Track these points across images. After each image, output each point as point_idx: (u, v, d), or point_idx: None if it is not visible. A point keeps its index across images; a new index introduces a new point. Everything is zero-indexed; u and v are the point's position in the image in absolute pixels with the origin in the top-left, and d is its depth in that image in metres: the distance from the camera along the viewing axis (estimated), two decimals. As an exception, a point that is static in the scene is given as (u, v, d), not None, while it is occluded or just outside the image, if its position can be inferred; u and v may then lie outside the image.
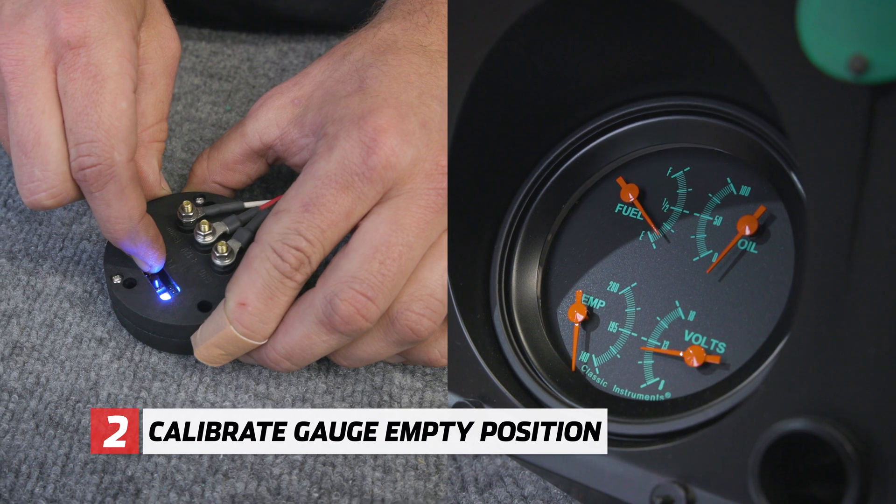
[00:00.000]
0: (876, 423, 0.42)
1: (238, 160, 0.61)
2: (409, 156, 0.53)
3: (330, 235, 0.53)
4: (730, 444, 0.45)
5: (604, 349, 0.55)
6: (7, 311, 0.59)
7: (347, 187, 0.52)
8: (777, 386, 0.44)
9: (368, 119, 0.53)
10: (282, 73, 0.76)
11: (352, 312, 0.52)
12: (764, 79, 0.44)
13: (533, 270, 0.57)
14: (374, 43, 0.58)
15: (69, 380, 0.57)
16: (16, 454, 0.53)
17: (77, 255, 0.63)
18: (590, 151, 0.57)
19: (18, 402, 0.55)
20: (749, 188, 0.53)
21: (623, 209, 0.56)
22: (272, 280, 0.53)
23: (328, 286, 0.53)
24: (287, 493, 0.54)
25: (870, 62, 0.40)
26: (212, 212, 0.60)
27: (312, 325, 0.53)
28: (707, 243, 0.54)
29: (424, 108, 0.54)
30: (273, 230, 0.53)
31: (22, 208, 0.64)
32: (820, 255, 0.44)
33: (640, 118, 0.56)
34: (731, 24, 0.45)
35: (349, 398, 0.58)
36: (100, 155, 0.54)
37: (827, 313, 0.43)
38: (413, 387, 0.59)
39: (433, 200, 0.53)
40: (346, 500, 0.54)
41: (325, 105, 0.57)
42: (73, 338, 0.59)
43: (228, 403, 0.57)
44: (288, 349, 0.54)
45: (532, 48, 0.53)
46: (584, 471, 0.50)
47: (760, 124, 0.52)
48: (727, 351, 0.52)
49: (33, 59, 0.54)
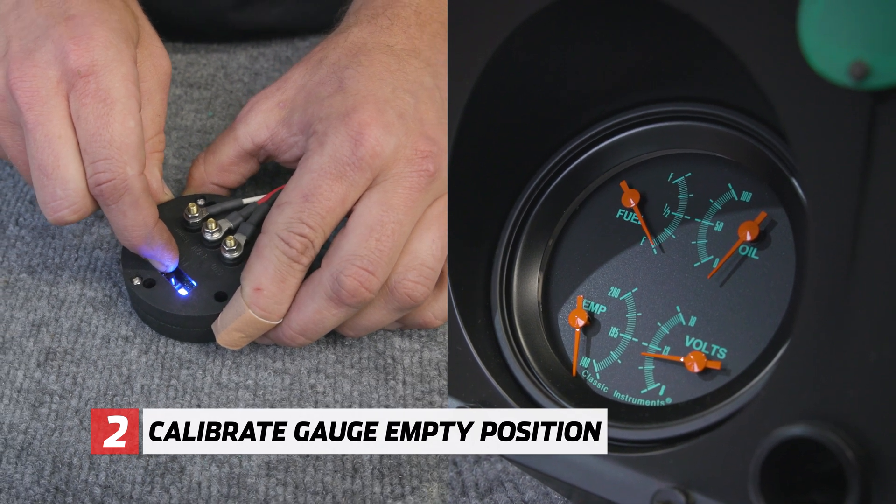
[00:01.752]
0: (877, 428, 0.42)
1: (233, 162, 0.67)
2: (392, 144, 0.59)
3: (329, 220, 0.59)
4: (730, 449, 0.45)
5: (605, 354, 0.55)
6: (36, 321, 0.64)
7: (341, 177, 0.58)
8: (778, 392, 0.44)
9: (352, 115, 0.59)
10: (255, 77, 0.82)
11: (356, 286, 0.58)
12: (765, 85, 0.44)
13: (534, 275, 0.57)
14: (346, 46, 0.64)
15: (104, 377, 0.62)
16: (66, 449, 0.58)
17: (92, 263, 0.67)
18: (591, 157, 0.57)
19: (60, 402, 0.60)
20: (750, 194, 0.53)
21: (624, 215, 0.56)
22: (282, 265, 0.59)
23: (333, 265, 0.59)
24: (315, 454, 0.59)
25: (870, 68, 0.40)
26: (214, 211, 0.65)
27: (322, 301, 0.59)
28: (708, 249, 0.53)
29: (399, 101, 0.60)
30: (278, 221, 0.59)
31: (34, 225, 0.69)
32: (821, 261, 0.44)
33: (641, 124, 0.56)
34: (733, 31, 0.45)
35: (357, 365, 0.64)
36: (114, 171, 0.59)
37: (828, 319, 0.43)
38: (412, 348, 0.65)
39: (416, 181, 0.59)
40: (366, 454, 0.59)
41: (309, 106, 0.62)
42: (101, 339, 0.64)
43: (251, 382, 0.62)
44: (302, 325, 0.60)
45: (533, 53, 0.53)
46: (585, 476, 0.50)
47: (762, 130, 0.52)
48: (728, 356, 0.52)
49: (47, 90, 0.59)
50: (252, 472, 0.58)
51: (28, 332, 0.63)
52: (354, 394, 0.62)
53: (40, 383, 0.61)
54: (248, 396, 0.62)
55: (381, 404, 0.62)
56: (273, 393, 0.62)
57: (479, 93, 0.53)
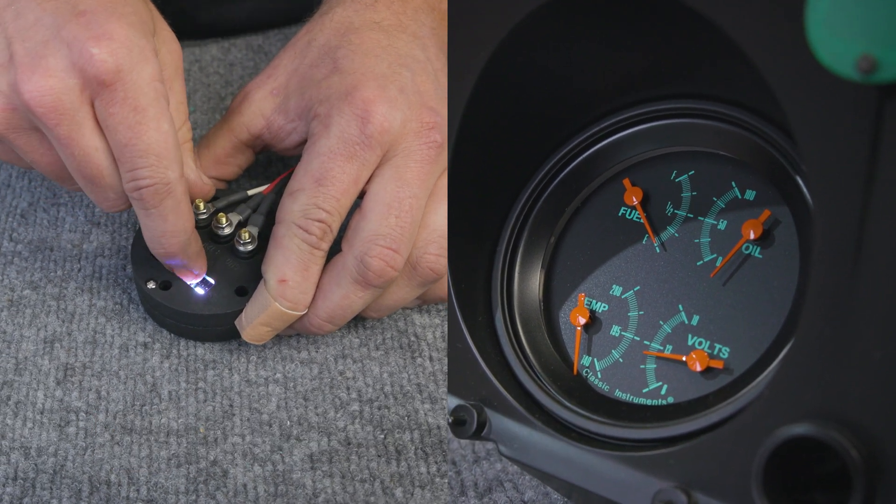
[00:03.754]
0: (881, 428, 0.41)
1: (229, 153, 0.66)
2: (399, 119, 0.58)
3: (344, 202, 0.58)
4: (733, 449, 0.45)
5: (606, 353, 0.54)
6: (48, 337, 0.62)
7: (351, 157, 0.58)
8: (781, 391, 0.44)
9: (354, 94, 0.59)
10: (230, 68, 0.82)
11: (382, 266, 0.58)
12: (770, 78, 0.44)
13: (535, 273, 0.57)
14: (333, 27, 0.63)
15: (128, 387, 0.60)
16: (101, 466, 0.56)
17: (97, 272, 0.66)
18: (593, 154, 0.57)
19: (87, 418, 0.59)
20: (754, 192, 0.53)
21: (627, 212, 0.56)
22: (303, 253, 0.58)
23: (355, 248, 0.58)
24: (357, 441, 0.59)
25: (878, 62, 0.39)
26: (221, 205, 0.64)
27: (349, 285, 0.59)
28: (711, 247, 0.53)
29: (397, 76, 0.60)
30: (293, 209, 0.59)
31: (30, 239, 0.68)
32: (825, 260, 0.43)
33: (644, 121, 0.56)
34: (739, 25, 0.45)
35: (382, 346, 0.64)
36: (154, 176, 0.57)
37: (832, 318, 0.43)
38: (432, 323, 0.66)
39: (426, 153, 0.59)
40: (407, 435, 0.60)
41: (306, 90, 0.62)
42: (119, 348, 0.62)
43: (280, 375, 0.62)
44: (330, 312, 0.60)
45: (536, 50, 0.53)
46: (585, 475, 0.49)
47: (766, 128, 0.52)
48: (731, 355, 0.51)
49: (71, 101, 0.56)
50: (296, 468, 0.57)
51: (41, 349, 0.61)
52: (384, 375, 0.62)
53: (63, 402, 0.59)
54: (280, 391, 0.61)
55: (412, 384, 0.62)
56: (304, 384, 0.61)
57: (481, 89, 0.53)
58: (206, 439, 0.58)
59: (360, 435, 0.59)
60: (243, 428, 0.59)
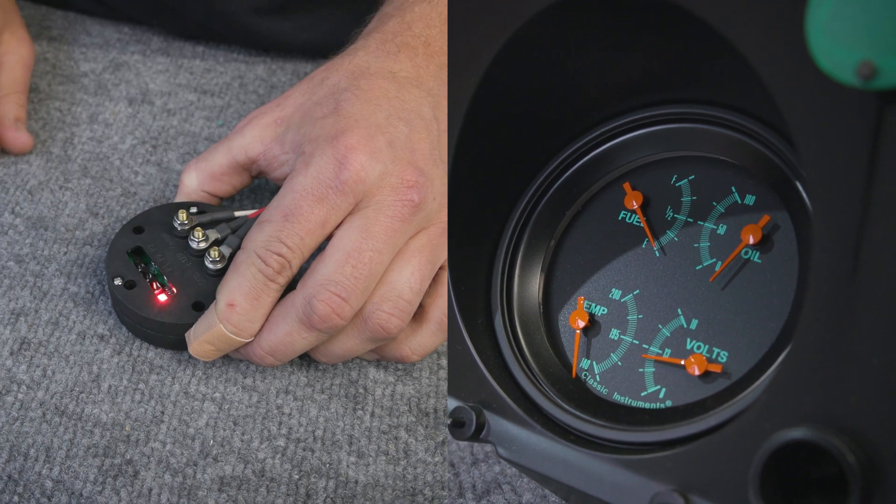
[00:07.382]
0: (879, 433, 0.42)
1: (224, 171, 0.66)
2: (377, 171, 0.59)
3: (308, 242, 0.59)
4: (730, 453, 0.45)
5: (605, 356, 0.54)
6: (16, 309, 0.64)
7: (322, 199, 0.58)
8: (779, 395, 0.44)
9: (340, 138, 0.59)
10: (271, 91, 0.82)
11: (328, 311, 0.58)
12: (771, 84, 0.44)
13: (535, 276, 0.57)
14: (349, 69, 0.64)
15: (73, 373, 0.62)
16: (24, 440, 0.58)
17: (80, 259, 0.67)
18: (594, 158, 0.57)
19: (27, 392, 0.60)
20: (753, 197, 0.53)
21: (627, 216, 0.56)
22: (257, 282, 0.58)
23: (307, 288, 0.58)
24: (270, 475, 0.59)
25: (878, 68, 0.39)
26: (204, 220, 0.65)
27: (294, 323, 0.59)
28: (710, 252, 0.53)
29: (391, 129, 0.60)
30: (257, 238, 0.59)
31: (29, 214, 0.69)
32: (824, 265, 0.43)
33: (645, 126, 0.56)
34: (740, 31, 0.45)
35: (328, 391, 0.64)
36: None
37: (830, 323, 0.43)
38: (386, 381, 0.65)
39: (398, 211, 0.59)
40: (323, 482, 0.59)
41: (303, 125, 0.62)
42: (77, 334, 0.63)
43: (218, 395, 0.62)
44: (272, 346, 0.60)
45: (537, 53, 0.53)
46: (583, 478, 0.50)
47: (766, 133, 0.52)
48: (729, 360, 0.51)
49: None
50: (205, 486, 0.58)
51: (6, 319, 0.63)
52: (320, 419, 0.62)
53: (10, 372, 0.61)
54: (214, 409, 0.61)
55: (345, 434, 0.61)
56: (238, 409, 0.61)
57: (482, 92, 0.53)
58: (128, 438, 0.59)
59: (276, 470, 0.59)
60: (167, 436, 0.59)
